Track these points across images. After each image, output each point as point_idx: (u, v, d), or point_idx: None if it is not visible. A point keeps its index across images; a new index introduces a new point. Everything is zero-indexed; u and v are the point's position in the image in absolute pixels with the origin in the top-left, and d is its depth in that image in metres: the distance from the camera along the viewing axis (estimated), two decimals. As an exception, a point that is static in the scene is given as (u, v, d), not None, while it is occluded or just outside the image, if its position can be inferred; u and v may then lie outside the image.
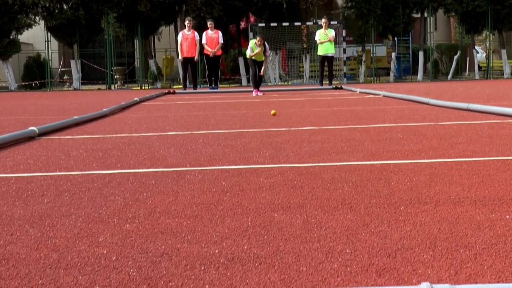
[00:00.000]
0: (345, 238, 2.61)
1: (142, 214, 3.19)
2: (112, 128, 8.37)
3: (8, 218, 3.19)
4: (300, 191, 3.65)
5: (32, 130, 7.15)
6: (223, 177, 4.21)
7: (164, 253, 2.48)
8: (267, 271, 2.23)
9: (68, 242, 2.70)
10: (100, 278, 2.21)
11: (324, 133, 6.86)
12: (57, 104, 15.47)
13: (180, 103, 14.64)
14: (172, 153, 5.57)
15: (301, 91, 20.28)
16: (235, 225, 2.90)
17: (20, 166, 5.01)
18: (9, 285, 2.16)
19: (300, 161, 4.87)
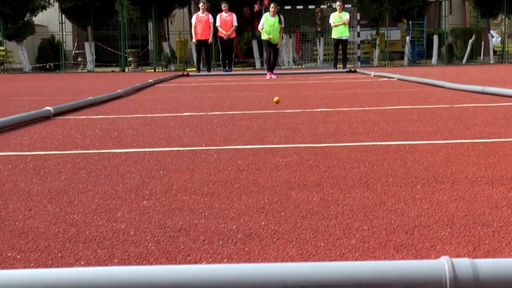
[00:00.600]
0: (362, 215, 2.61)
1: (159, 191, 3.20)
2: (126, 108, 8.39)
3: (26, 194, 3.20)
4: (316, 170, 3.65)
5: (47, 110, 7.18)
6: (239, 156, 4.21)
7: (181, 229, 2.49)
8: (285, 246, 2.23)
9: (86, 217, 2.71)
10: (118, 251, 2.22)
11: (339, 115, 6.85)
12: (72, 86, 15.51)
13: (194, 85, 14.65)
14: (187, 133, 5.57)
15: (315, 74, 20.23)
16: (252, 202, 2.90)
17: (36, 144, 5.04)
18: (29, 258, 2.17)
19: (315, 141, 4.87)
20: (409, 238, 2.28)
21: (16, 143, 5.10)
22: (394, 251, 2.14)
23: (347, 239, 2.30)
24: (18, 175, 3.73)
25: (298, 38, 32.31)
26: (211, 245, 2.27)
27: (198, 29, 21.47)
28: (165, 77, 18.00)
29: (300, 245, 2.24)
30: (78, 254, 2.20)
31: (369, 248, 2.18)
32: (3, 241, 2.37)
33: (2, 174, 3.77)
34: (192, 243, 2.30)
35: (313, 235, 2.35)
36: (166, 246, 2.27)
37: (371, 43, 32.29)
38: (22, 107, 8.93)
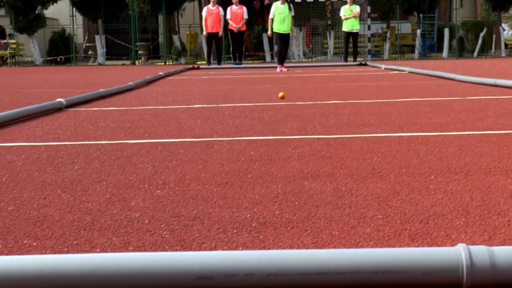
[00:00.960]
0: (376, 205, 2.61)
1: (172, 180, 3.21)
2: (138, 100, 8.40)
3: (40, 183, 3.22)
4: (329, 161, 3.65)
5: (59, 102, 7.20)
6: (251, 147, 4.21)
7: (196, 217, 2.49)
8: (299, 234, 2.24)
9: (101, 206, 2.72)
10: (133, 239, 2.23)
11: (350, 107, 6.84)
12: (83, 78, 15.54)
13: (204, 78, 14.65)
14: (199, 124, 5.58)
15: (325, 67, 20.20)
16: (265, 192, 2.90)
17: (49, 135, 5.05)
18: (45, 245, 2.18)
19: (327, 132, 4.86)
20: (424, 227, 2.27)
21: (29, 134, 5.12)
22: (409, 240, 2.14)
23: (362, 228, 2.29)
24: (31, 165, 3.75)
25: (309, 31, 32.26)
26: (226, 233, 2.27)
27: (208, 22, 21.47)
28: (176, 70, 18.02)
29: (315, 233, 2.24)
30: (93, 242, 2.21)
31: (384, 237, 2.18)
32: (19, 229, 2.38)
33: (16, 164, 3.79)
34: (206, 231, 2.31)
35: (327, 224, 2.35)
36: (181, 234, 2.27)
37: (382, 36, 32.22)
38: (34, 99, 8.96)
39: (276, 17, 17.57)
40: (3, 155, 4.10)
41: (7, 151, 4.27)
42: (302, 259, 1.68)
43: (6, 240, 2.25)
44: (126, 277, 1.65)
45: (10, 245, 2.19)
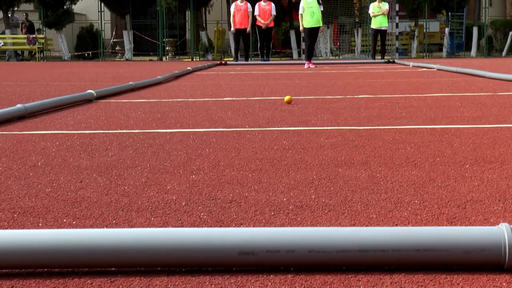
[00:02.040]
0: (413, 191, 2.61)
1: (207, 166, 3.22)
2: (167, 93, 8.44)
3: (76, 167, 3.25)
4: (362, 150, 3.65)
5: (90, 93, 7.25)
6: (283, 137, 4.22)
7: (232, 200, 2.51)
8: (337, 217, 2.24)
9: (137, 189, 2.74)
10: (172, 220, 2.25)
11: (380, 101, 6.82)
12: (111, 72, 15.63)
13: (232, 73, 14.68)
14: (230, 116, 5.60)
15: (353, 64, 20.14)
16: (300, 178, 2.91)
17: (81, 124, 5.09)
18: (84, 224, 2.21)
19: (359, 124, 4.86)
20: (461, 212, 2.27)
21: (62, 123, 5.17)
22: (448, 223, 2.13)
23: (399, 211, 2.29)
24: (66, 151, 3.78)
25: (336, 29, 32.17)
26: (263, 215, 2.28)
27: (236, 18, 21.49)
28: (203, 65, 18.06)
29: (352, 216, 2.24)
30: (132, 222, 2.23)
31: (422, 220, 2.18)
32: (58, 209, 2.41)
33: (51, 150, 3.82)
34: (244, 213, 2.32)
35: (364, 208, 2.35)
36: (219, 216, 2.28)
37: (410, 35, 32.04)
38: (64, 91, 9.03)
39: (306, 11, 17.45)
40: (37, 142, 4.15)
41: (41, 138, 4.31)
42: (344, 236, 1.68)
43: (46, 219, 2.27)
44: (169, 251, 1.67)
45: (50, 223, 2.22)
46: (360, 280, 1.64)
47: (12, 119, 5.29)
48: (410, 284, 1.60)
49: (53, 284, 1.64)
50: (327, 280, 1.64)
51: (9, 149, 3.85)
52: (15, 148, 3.90)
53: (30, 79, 12.50)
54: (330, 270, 1.70)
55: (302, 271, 1.70)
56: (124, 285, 1.63)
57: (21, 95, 8.31)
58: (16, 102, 6.90)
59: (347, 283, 1.62)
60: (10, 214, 2.33)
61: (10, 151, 3.77)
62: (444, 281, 1.62)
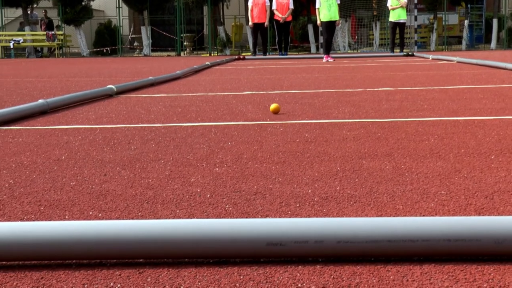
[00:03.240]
0: (438, 182, 2.59)
1: (230, 159, 3.22)
2: (187, 88, 8.44)
3: (99, 161, 3.25)
4: (385, 142, 3.63)
5: (110, 88, 7.27)
6: (305, 130, 4.21)
7: (257, 192, 2.50)
8: (363, 208, 2.23)
9: (161, 182, 2.74)
10: (197, 212, 2.24)
11: (401, 93, 6.79)
12: (130, 68, 15.67)
13: (251, 68, 14.66)
14: (250, 109, 5.59)
15: (372, 58, 20.06)
16: (324, 170, 2.90)
17: (103, 119, 5.11)
18: (110, 216, 2.21)
19: (380, 116, 4.83)
20: (489, 202, 2.25)
21: (83, 118, 5.18)
22: (476, 214, 2.11)
23: (426, 202, 2.27)
24: (89, 145, 3.79)
25: (354, 22, 32.06)
26: (289, 207, 2.27)
27: (254, 12, 21.46)
28: (222, 60, 18.06)
29: (379, 207, 2.23)
30: (157, 214, 2.23)
31: (449, 211, 2.16)
32: (83, 202, 2.41)
33: (74, 144, 3.84)
34: (269, 205, 2.31)
35: (390, 199, 2.34)
36: (244, 208, 2.28)
37: (428, 28, 31.87)
38: (84, 86, 9.06)
39: (323, 5, 17.38)
40: (60, 136, 4.16)
41: (64, 133, 4.32)
42: (373, 226, 1.67)
43: (71, 211, 2.28)
44: (197, 242, 1.66)
45: (76, 216, 2.22)
46: (389, 270, 1.62)
47: (34, 114, 5.31)
48: (441, 274, 1.59)
49: (82, 275, 1.64)
50: (356, 270, 1.63)
51: (33, 144, 3.86)
52: (38, 142, 3.92)
53: (50, 75, 12.55)
54: (359, 260, 1.69)
55: (331, 262, 1.69)
56: (153, 276, 1.62)
57: (42, 91, 8.35)
58: (38, 98, 6.93)
59: (376, 274, 1.60)
60: (36, 207, 2.33)
61: (33, 145, 3.79)
62: (475, 271, 1.60)
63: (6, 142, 3.95)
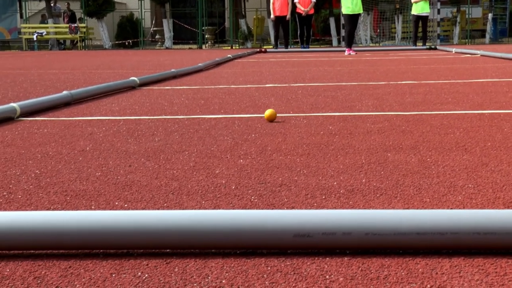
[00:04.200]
0: (465, 175, 2.56)
1: (254, 151, 3.21)
2: (209, 80, 8.44)
3: (124, 152, 3.26)
4: (410, 135, 3.60)
5: (133, 80, 7.28)
6: (329, 122, 4.19)
7: (282, 184, 2.49)
8: (389, 201, 2.21)
9: (186, 173, 2.74)
10: (223, 203, 2.24)
11: (425, 87, 6.74)
12: (152, 60, 15.70)
13: (273, 61, 14.64)
14: (273, 102, 5.58)
15: (394, 51, 19.95)
16: (349, 162, 2.88)
17: (126, 110, 5.12)
18: (136, 207, 2.21)
19: (404, 109, 4.80)
20: (518, 196, 2.22)
21: (107, 109, 5.20)
22: (504, 207, 2.09)
23: (453, 195, 2.26)
24: (113, 136, 3.80)
25: (376, 15, 31.89)
26: (315, 199, 2.26)
27: (276, 5, 21.40)
28: (243, 53, 18.04)
29: (405, 200, 2.21)
30: (183, 205, 2.22)
31: (477, 204, 2.14)
32: (109, 192, 2.42)
33: (98, 135, 3.85)
34: (294, 196, 2.30)
35: (417, 192, 2.32)
36: (269, 199, 2.27)
37: (451, 21, 31.63)
38: (107, 78, 9.09)
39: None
40: (85, 127, 4.17)
41: (88, 124, 4.34)
42: (401, 218, 1.66)
43: (98, 201, 2.28)
44: (224, 233, 1.66)
45: (102, 206, 2.22)
46: (418, 263, 1.61)
47: (58, 105, 5.34)
48: (471, 267, 1.57)
49: (110, 265, 1.64)
50: (385, 263, 1.62)
51: (58, 134, 3.88)
52: (63, 133, 3.93)
53: (73, 67, 12.61)
54: (387, 253, 1.68)
55: (359, 254, 1.68)
56: (180, 266, 1.62)
57: (65, 83, 8.39)
58: (61, 89, 6.96)
59: (405, 266, 1.59)
60: (63, 197, 2.34)
61: (58, 136, 3.80)
62: (506, 265, 1.58)
63: (32, 133, 3.97)
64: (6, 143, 3.60)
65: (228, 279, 1.53)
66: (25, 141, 3.64)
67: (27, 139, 3.73)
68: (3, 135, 3.89)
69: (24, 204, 2.26)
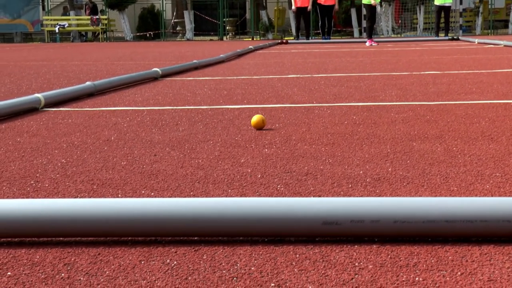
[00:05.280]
0: (492, 164, 2.55)
1: (278, 141, 3.21)
2: (231, 71, 8.44)
3: (148, 142, 3.27)
4: (435, 125, 3.58)
5: (155, 71, 7.30)
6: (353, 112, 4.18)
7: (308, 173, 2.49)
8: (416, 189, 2.20)
9: (211, 162, 2.74)
10: (249, 192, 2.24)
11: (448, 77, 6.70)
12: (173, 52, 15.72)
13: (294, 52, 14.61)
14: (296, 92, 5.56)
15: (416, 42, 19.84)
16: (374, 151, 2.87)
17: (149, 101, 5.13)
18: (163, 195, 2.21)
19: (428, 99, 4.77)
20: (546, 185, 2.21)
21: (130, 100, 5.22)
22: (533, 196, 2.07)
23: (481, 184, 2.24)
24: (137, 126, 3.81)
25: (398, 6, 31.70)
26: (341, 188, 2.25)
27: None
28: (265, 44, 18.03)
29: (432, 189, 2.20)
30: (209, 193, 2.23)
31: (505, 193, 2.12)
32: (135, 181, 2.42)
33: (122, 125, 3.86)
34: (321, 185, 2.29)
35: (444, 180, 2.31)
36: (296, 188, 2.27)
37: (474, 11, 31.38)
38: (129, 69, 9.11)
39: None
40: (109, 118, 4.19)
41: (112, 114, 4.36)
42: (430, 206, 1.65)
43: (124, 190, 2.29)
44: (252, 221, 1.66)
45: (129, 195, 2.23)
46: (447, 251, 1.60)
47: (82, 96, 5.36)
48: (501, 255, 1.56)
49: (138, 252, 1.65)
50: (414, 250, 1.61)
51: (82, 124, 3.90)
52: (87, 123, 3.95)
53: (95, 59, 12.66)
54: (415, 241, 1.67)
55: (387, 242, 1.67)
56: (208, 253, 1.63)
57: (88, 74, 8.42)
58: (84, 80, 6.99)
59: (434, 254, 1.58)
60: (89, 186, 2.36)
61: (83, 126, 3.82)
62: (536, 253, 1.57)
63: (56, 123, 4.00)
64: (32, 133, 3.62)
65: (257, 266, 1.53)
66: (50, 131, 3.67)
67: (52, 129, 3.75)
68: (28, 125, 3.92)
69: (51, 192, 2.28)
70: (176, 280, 1.47)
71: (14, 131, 3.70)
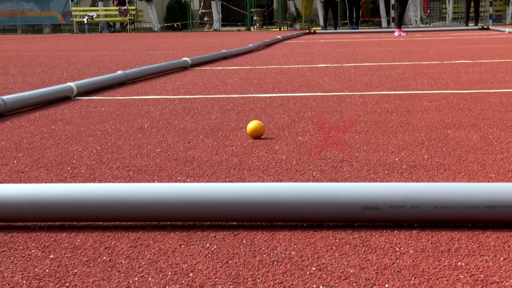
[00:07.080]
0: (530, 151, 2.52)
1: (311, 128, 3.20)
2: (260, 61, 8.43)
3: (182, 129, 3.28)
4: (469, 113, 3.55)
5: (185, 61, 7.31)
6: (385, 101, 4.15)
7: (343, 160, 2.48)
8: (454, 176, 2.18)
9: (245, 149, 2.74)
10: (285, 178, 2.24)
11: (480, 66, 6.64)
12: (201, 42, 15.74)
13: (322, 42, 14.56)
14: (327, 81, 5.55)
15: (445, 31, 19.68)
16: (409, 139, 2.86)
17: (180, 90, 5.14)
18: (198, 181, 2.22)
19: (461, 88, 4.73)
20: None
21: (161, 89, 5.23)
22: None
23: (519, 171, 2.22)
24: (169, 114, 3.83)
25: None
26: (377, 174, 2.24)
27: (325, -14, 21.26)
28: (292, 34, 17.98)
29: (470, 176, 2.18)
30: (245, 180, 2.23)
31: (545, 180, 2.10)
32: (170, 168, 2.43)
33: (154, 113, 3.87)
34: (357, 172, 2.29)
35: (481, 168, 2.29)
36: (332, 174, 2.26)
37: (504, 0, 31.02)
38: (158, 59, 9.14)
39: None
40: (141, 106, 4.21)
41: (144, 103, 4.37)
42: (471, 192, 1.63)
43: (160, 176, 2.30)
44: (292, 205, 1.66)
45: (165, 181, 2.24)
46: (489, 236, 1.59)
47: (113, 85, 5.39)
48: (543, 241, 1.55)
49: (178, 236, 1.65)
50: (454, 236, 1.60)
51: (115, 113, 3.92)
52: (120, 111, 3.97)
53: (124, 49, 12.71)
54: (456, 226, 1.66)
55: (427, 227, 1.66)
56: (248, 238, 1.63)
57: (118, 63, 8.46)
58: (114, 70, 7.02)
59: (475, 240, 1.57)
60: (125, 172, 2.37)
61: (116, 115, 3.84)
62: None
63: (89, 111, 4.02)
64: (66, 121, 3.65)
65: (297, 251, 1.53)
66: (83, 119, 3.69)
67: (85, 117, 3.78)
68: (62, 113, 3.95)
69: (88, 178, 2.29)
70: (217, 263, 1.47)
71: (48, 119, 3.73)
